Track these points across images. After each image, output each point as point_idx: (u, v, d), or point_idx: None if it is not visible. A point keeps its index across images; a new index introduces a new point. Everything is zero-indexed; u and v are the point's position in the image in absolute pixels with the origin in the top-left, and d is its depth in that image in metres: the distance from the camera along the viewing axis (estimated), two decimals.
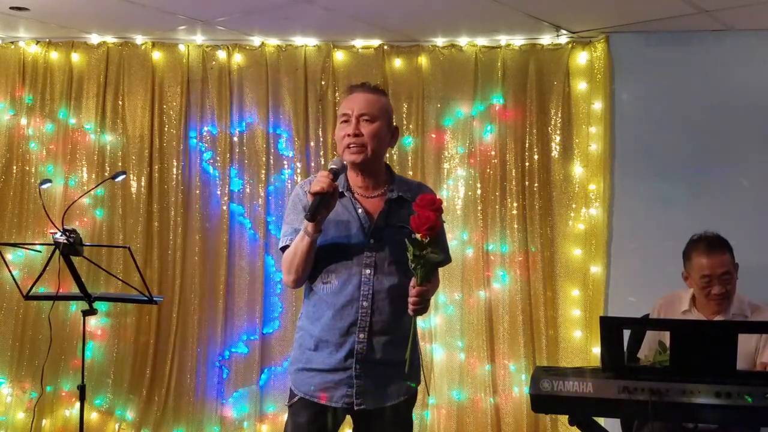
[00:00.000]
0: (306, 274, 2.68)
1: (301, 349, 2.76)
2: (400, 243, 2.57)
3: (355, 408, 2.68)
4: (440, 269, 4.76)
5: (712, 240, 3.37)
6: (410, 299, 2.55)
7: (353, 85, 2.81)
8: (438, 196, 2.58)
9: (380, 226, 2.67)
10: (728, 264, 3.33)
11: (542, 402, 2.70)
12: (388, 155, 4.95)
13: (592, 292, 4.73)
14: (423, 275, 2.53)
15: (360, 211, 2.69)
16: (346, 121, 2.68)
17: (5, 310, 5.07)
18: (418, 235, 2.48)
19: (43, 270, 3.95)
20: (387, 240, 2.66)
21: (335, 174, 2.60)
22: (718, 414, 2.53)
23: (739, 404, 2.48)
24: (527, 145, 4.84)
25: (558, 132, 4.82)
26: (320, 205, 2.53)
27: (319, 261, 2.67)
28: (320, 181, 2.54)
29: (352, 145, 2.65)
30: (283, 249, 2.73)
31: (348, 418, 2.79)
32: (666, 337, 2.99)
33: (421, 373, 2.88)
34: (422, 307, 2.57)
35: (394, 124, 2.79)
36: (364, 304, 2.66)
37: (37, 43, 5.15)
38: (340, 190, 2.67)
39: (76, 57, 5.15)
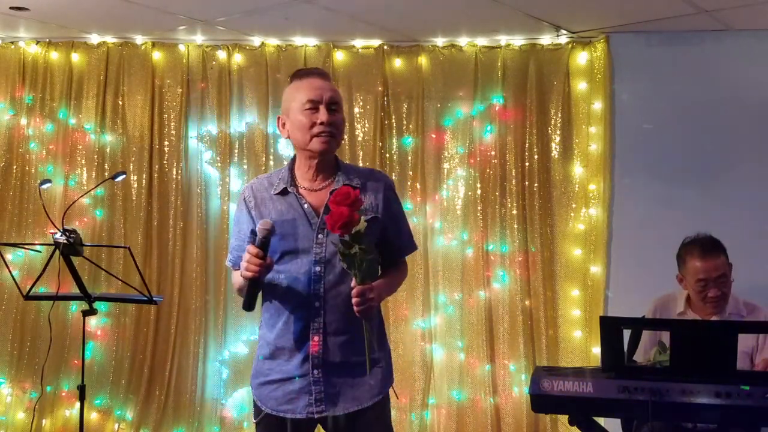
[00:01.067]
0: None
1: (260, 360, 2.62)
2: None
3: (316, 416, 2.51)
4: (440, 268, 4.86)
5: (706, 243, 3.35)
6: (353, 300, 2.39)
7: (304, 69, 2.66)
8: (355, 190, 2.38)
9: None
10: (723, 267, 3.31)
11: (542, 402, 2.70)
12: (388, 154, 4.97)
13: (592, 292, 4.73)
14: (362, 275, 2.36)
15: (306, 206, 2.53)
16: (313, 108, 2.50)
17: (5, 310, 5.07)
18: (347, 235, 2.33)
19: (43, 270, 3.95)
20: (336, 234, 2.44)
21: (265, 245, 2.39)
22: (718, 414, 2.53)
23: (739, 404, 2.48)
24: (527, 145, 4.84)
25: (558, 132, 4.82)
26: (255, 291, 2.41)
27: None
28: (250, 267, 2.38)
29: (324, 134, 2.49)
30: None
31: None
32: (666, 337, 3.00)
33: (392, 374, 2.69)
34: (366, 307, 2.40)
35: None
36: (316, 303, 2.49)
37: (37, 43, 5.15)
38: (285, 186, 2.55)
39: (76, 57, 5.15)
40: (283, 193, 2.56)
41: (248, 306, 2.42)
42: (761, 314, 3.35)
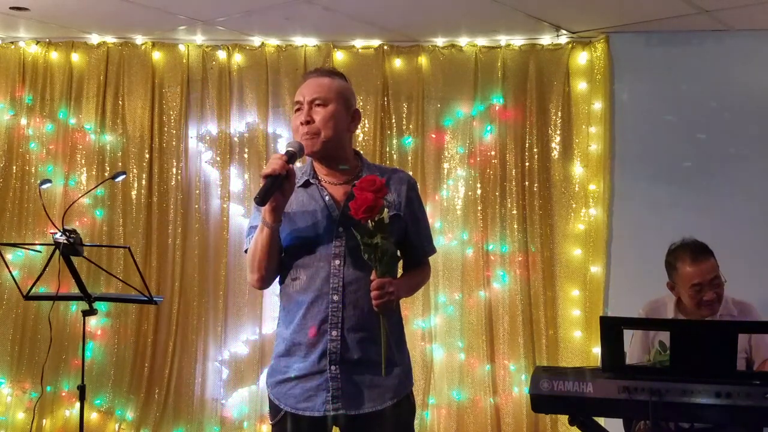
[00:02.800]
0: (271, 271, 2.49)
1: (277, 358, 2.54)
2: None
3: (332, 413, 2.44)
4: (440, 268, 4.86)
5: (695, 248, 3.31)
6: (371, 293, 2.35)
7: (307, 71, 2.65)
8: (381, 178, 2.35)
9: (348, 213, 2.40)
10: (715, 269, 3.28)
11: (542, 402, 2.70)
12: (389, 152, 4.97)
13: (592, 292, 4.73)
14: (382, 267, 2.33)
15: (327, 198, 2.49)
16: (299, 110, 2.49)
17: (5, 310, 5.07)
18: (370, 222, 2.29)
19: (43, 270, 3.94)
20: (357, 228, 2.40)
21: (291, 156, 2.39)
22: (718, 414, 2.53)
23: (739, 404, 2.48)
24: (527, 145, 4.84)
25: (558, 132, 4.82)
26: (271, 189, 2.32)
27: (287, 257, 2.50)
28: (272, 162, 2.34)
29: (306, 134, 2.46)
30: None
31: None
32: (664, 336, 3.00)
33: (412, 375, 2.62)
34: (385, 301, 2.36)
35: (356, 107, 2.57)
36: (335, 297, 2.43)
37: (37, 43, 5.15)
38: (307, 179, 2.52)
39: (76, 57, 5.15)
40: (306, 185, 2.53)
41: (261, 198, 2.34)
42: (753, 312, 3.34)
